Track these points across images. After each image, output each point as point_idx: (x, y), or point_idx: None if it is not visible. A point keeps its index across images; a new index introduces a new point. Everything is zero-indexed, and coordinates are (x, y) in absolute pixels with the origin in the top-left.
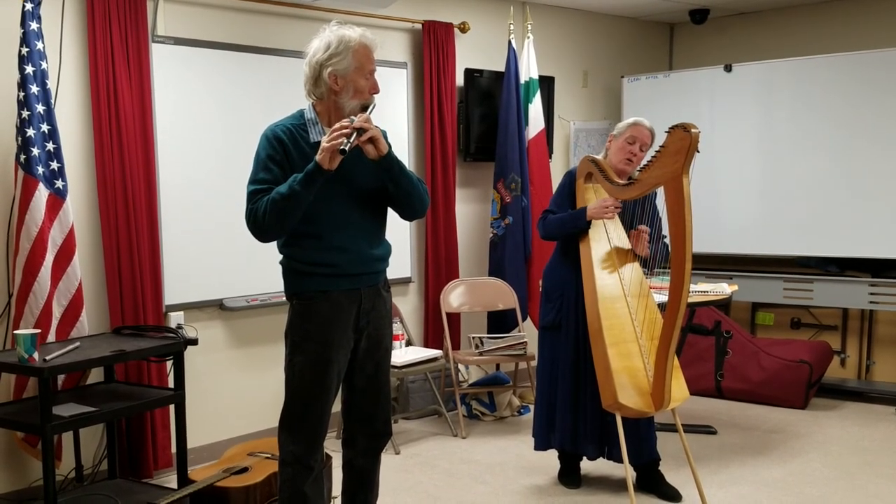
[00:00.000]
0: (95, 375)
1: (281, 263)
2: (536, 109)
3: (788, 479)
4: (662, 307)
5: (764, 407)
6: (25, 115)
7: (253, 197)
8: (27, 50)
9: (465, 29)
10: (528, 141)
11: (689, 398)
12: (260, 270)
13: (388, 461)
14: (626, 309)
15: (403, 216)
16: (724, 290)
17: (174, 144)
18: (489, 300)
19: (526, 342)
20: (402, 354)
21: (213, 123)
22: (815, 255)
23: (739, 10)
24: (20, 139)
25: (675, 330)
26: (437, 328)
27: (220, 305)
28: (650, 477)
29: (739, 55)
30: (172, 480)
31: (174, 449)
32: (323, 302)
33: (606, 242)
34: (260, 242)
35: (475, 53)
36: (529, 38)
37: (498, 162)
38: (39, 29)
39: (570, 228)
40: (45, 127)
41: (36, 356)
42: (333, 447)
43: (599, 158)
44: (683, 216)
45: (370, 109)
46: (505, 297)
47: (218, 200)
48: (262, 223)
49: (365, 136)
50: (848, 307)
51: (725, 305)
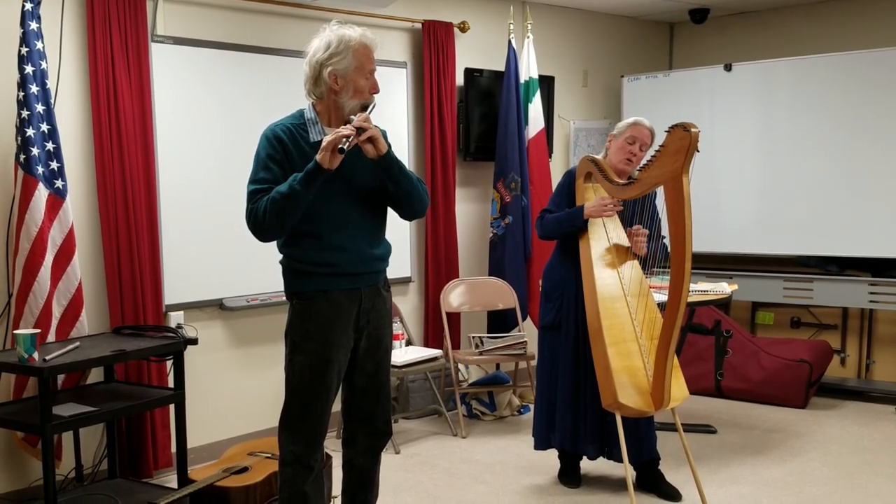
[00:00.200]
0: (95, 375)
1: (281, 263)
2: (536, 109)
3: (788, 478)
4: (662, 307)
5: (764, 406)
6: (25, 114)
7: (253, 196)
8: (27, 50)
9: (464, 28)
10: (527, 140)
11: (688, 397)
12: (260, 270)
13: (388, 461)
14: (625, 308)
15: (403, 216)
16: (723, 289)
17: (174, 144)
18: (489, 300)
19: (526, 342)
20: (402, 354)
21: (212, 123)
22: (815, 254)
23: (739, 9)
24: (20, 139)
25: (674, 329)
26: (437, 328)
27: (220, 305)
28: (650, 476)
29: (739, 55)
30: (172, 480)
31: (174, 449)
32: (323, 301)
33: (606, 242)
34: (260, 242)
35: (475, 53)
36: (529, 37)
37: (498, 161)
38: (39, 29)
39: (567, 227)
40: (44, 127)
41: (36, 356)
42: (333, 447)
43: (599, 158)
44: (683, 216)
45: (370, 109)
46: (505, 296)
47: (218, 200)
48: (262, 223)
49: (364, 135)
50: (848, 306)
51: (725, 305)
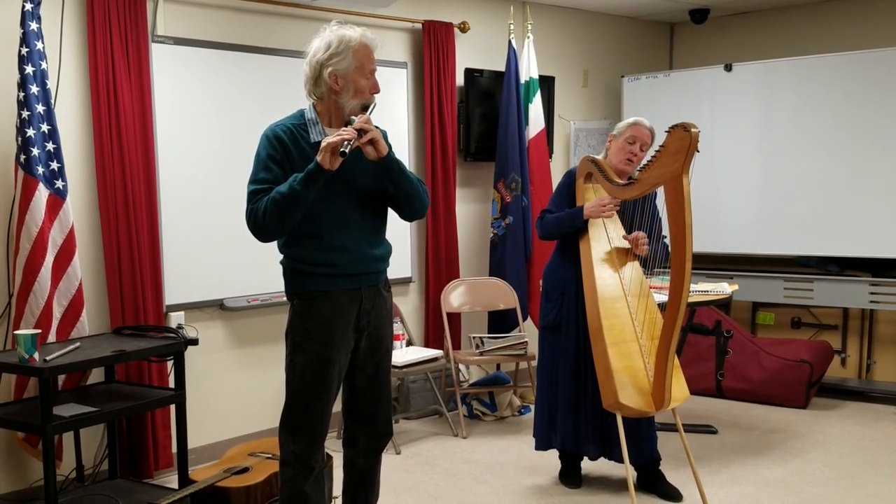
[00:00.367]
0: (96, 375)
1: (281, 263)
2: (536, 109)
3: (789, 478)
4: (662, 307)
5: (764, 406)
6: (25, 115)
7: (253, 197)
8: (27, 50)
9: (465, 29)
10: (528, 141)
11: (689, 398)
12: (260, 270)
13: (388, 461)
14: (626, 308)
15: (403, 217)
16: (724, 289)
17: (174, 144)
18: (489, 300)
19: (526, 342)
20: (402, 354)
21: (212, 123)
22: (815, 254)
23: (739, 9)
24: (20, 139)
25: (675, 329)
26: (437, 328)
27: (220, 305)
28: (651, 477)
29: (740, 55)
30: (173, 480)
31: (175, 449)
32: (323, 302)
33: (606, 242)
34: (260, 242)
35: (475, 53)
36: (529, 37)
37: (498, 162)
38: (39, 29)
39: (566, 227)
40: (45, 127)
41: (36, 356)
42: (334, 447)
43: (599, 158)
44: (683, 216)
45: (371, 109)
46: (505, 296)
47: (218, 200)
48: (262, 223)
49: (365, 137)
50: (848, 307)
51: (726, 305)
